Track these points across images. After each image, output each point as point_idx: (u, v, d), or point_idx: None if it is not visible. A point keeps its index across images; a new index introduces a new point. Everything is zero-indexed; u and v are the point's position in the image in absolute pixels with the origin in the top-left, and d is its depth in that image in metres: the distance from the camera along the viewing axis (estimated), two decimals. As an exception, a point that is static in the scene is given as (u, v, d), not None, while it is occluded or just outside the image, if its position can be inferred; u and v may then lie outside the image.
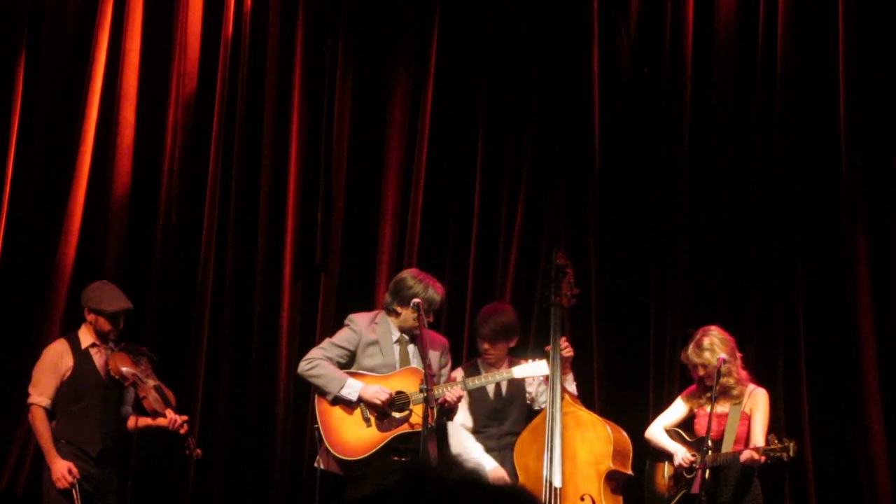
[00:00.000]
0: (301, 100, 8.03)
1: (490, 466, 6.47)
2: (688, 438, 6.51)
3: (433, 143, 7.97)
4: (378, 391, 6.23)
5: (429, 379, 6.06)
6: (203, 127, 7.93)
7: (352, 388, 6.26)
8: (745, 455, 6.16)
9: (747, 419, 6.40)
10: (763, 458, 6.12)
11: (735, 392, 6.42)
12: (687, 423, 6.59)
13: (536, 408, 6.69)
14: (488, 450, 6.57)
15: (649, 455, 6.70)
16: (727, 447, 6.32)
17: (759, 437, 6.30)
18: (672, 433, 6.57)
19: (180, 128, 7.92)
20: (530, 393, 6.73)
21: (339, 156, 8.02)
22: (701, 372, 6.42)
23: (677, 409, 6.64)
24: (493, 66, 8.02)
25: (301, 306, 7.95)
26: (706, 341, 6.41)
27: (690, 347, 6.45)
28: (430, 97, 7.99)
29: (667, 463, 6.56)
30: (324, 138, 8.02)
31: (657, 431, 6.60)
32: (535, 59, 7.98)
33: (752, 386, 6.49)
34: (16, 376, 7.40)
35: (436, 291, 6.37)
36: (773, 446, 6.12)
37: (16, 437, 7.39)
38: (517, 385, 6.67)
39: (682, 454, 6.39)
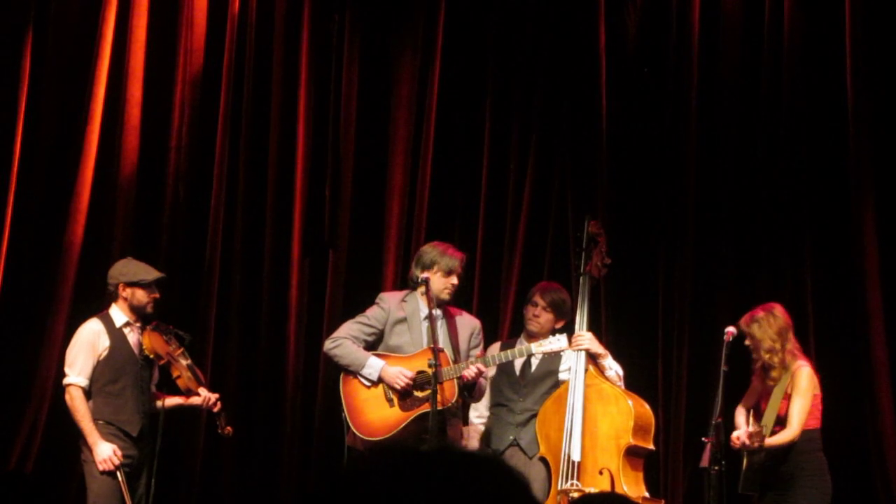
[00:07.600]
0: (308, 76, 8.01)
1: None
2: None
3: (441, 119, 7.96)
4: (397, 374, 6.18)
5: (437, 355, 6.04)
6: (210, 104, 7.91)
7: (372, 367, 6.22)
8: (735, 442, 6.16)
9: (788, 398, 6.23)
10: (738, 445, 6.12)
11: (774, 374, 6.23)
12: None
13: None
14: (507, 423, 6.53)
15: None
16: (768, 425, 6.17)
17: (794, 418, 6.14)
18: (753, 411, 6.40)
19: (188, 105, 7.90)
20: (563, 372, 6.58)
21: (346, 132, 8.01)
22: (751, 349, 6.30)
23: (751, 390, 6.46)
24: (500, 42, 8.00)
25: (309, 283, 7.95)
26: (751, 320, 6.28)
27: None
28: (437, 73, 7.97)
29: None
30: (331, 114, 8.01)
31: (737, 412, 6.46)
32: (541, 34, 7.96)
33: (798, 363, 6.28)
34: (24, 356, 7.42)
35: (453, 255, 6.35)
36: (753, 444, 6.04)
37: (25, 416, 7.36)
38: (550, 364, 6.55)
39: (736, 434, 6.26)
